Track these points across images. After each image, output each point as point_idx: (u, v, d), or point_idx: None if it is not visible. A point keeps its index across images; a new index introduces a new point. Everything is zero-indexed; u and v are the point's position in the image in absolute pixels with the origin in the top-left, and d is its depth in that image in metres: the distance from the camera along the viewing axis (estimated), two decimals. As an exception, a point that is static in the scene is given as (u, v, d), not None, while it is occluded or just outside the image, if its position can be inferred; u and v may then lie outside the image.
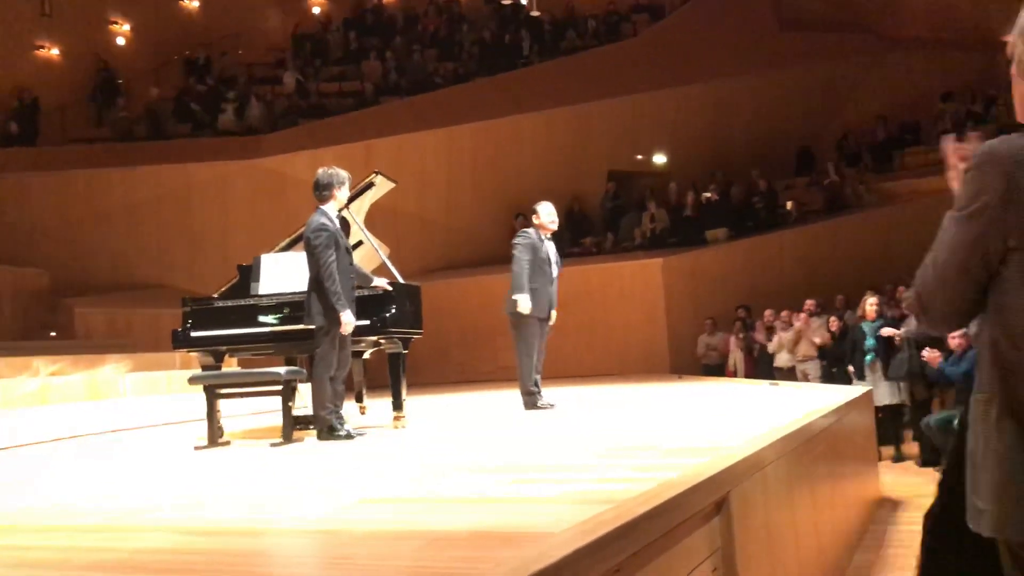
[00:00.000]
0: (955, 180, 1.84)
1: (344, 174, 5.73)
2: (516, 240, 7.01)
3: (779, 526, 3.62)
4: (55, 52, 16.53)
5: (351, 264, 5.70)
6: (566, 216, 15.66)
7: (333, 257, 5.38)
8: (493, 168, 15.51)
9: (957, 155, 1.83)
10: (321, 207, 5.60)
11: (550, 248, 7.06)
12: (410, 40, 18.01)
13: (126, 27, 17.68)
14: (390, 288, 6.01)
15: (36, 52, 16.32)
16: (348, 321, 5.40)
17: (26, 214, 13.93)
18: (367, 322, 5.87)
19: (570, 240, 15.35)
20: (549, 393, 7.13)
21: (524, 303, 6.72)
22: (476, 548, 2.15)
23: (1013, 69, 1.73)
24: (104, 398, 8.64)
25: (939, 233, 1.71)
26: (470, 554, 2.08)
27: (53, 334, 12.24)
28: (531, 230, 7.06)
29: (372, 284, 6.01)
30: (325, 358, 5.48)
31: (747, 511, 3.17)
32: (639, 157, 16.82)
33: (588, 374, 13.34)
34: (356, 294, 5.86)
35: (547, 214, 7.08)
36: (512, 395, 7.26)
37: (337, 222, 5.62)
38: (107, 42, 17.42)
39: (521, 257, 6.84)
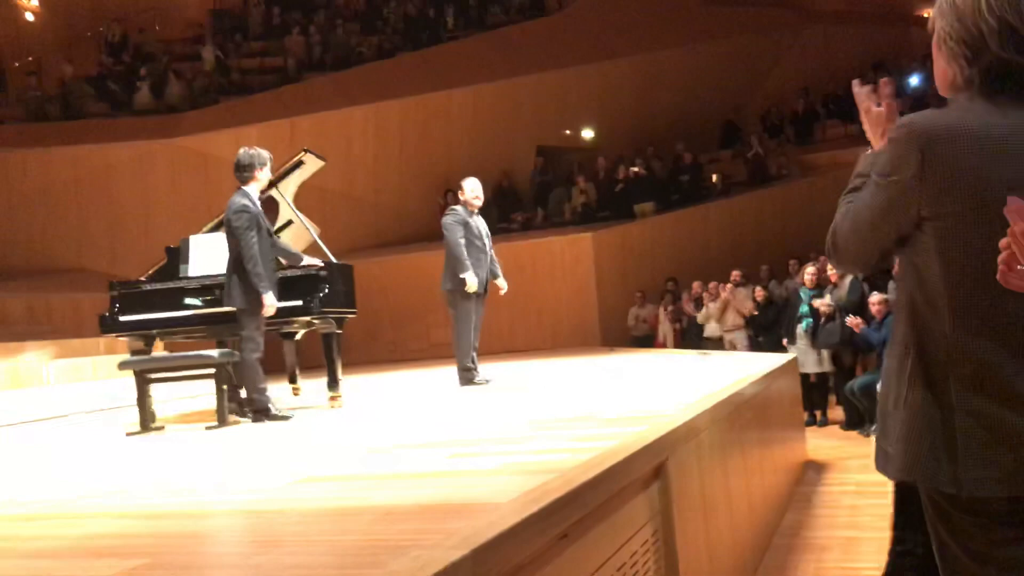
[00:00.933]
0: (867, 124, 1.94)
1: (266, 154, 5.67)
2: (446, 219, 7.01)
3: (713, 490, 3.73)
4: (-42, 28, 15.87)
5: (273, 246, 5.67)
6: (495, 192, 15.70)
7: (255, 239, 5.36)
8: (421, 145, 15.42)
9: (869, 101, 1.92)
10: (242, 188, 5.54)
11: (480, 223, 7.10)
12: (333, 15, 17.74)
13: (34, 1, 17.05)
14: (322, 267, 5.97)
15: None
16: (270, 303, 5.39)
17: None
18: (299, 303, 5.84)
19: (499, 216, 15.38)
20: (484, 369, 7.18)
21: (472, 280, 6.75)
22: (425, 520, 2.19)
23: (934, 44, 1.81)
24: (27, 386, 8.42)
25: (866, 183, 1.80)
26: (420, 526, 2.11)
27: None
28: (459, 207, 7.08)
29: (302, 263, 5.97)
30: (252, 339, 5.45)
31: (684, 477, 3.26)
32: (567, 132, 16.91)
33: (521, 349, 13.45)
34: (288, 274, 5.83)
35: (471, 190, 7.10)
36: (446, 372, 7.29)
37: (259, 203, 5.57)
38: (14, 18, 16.78)
39: (454, 235, 6.86)
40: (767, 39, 16.71)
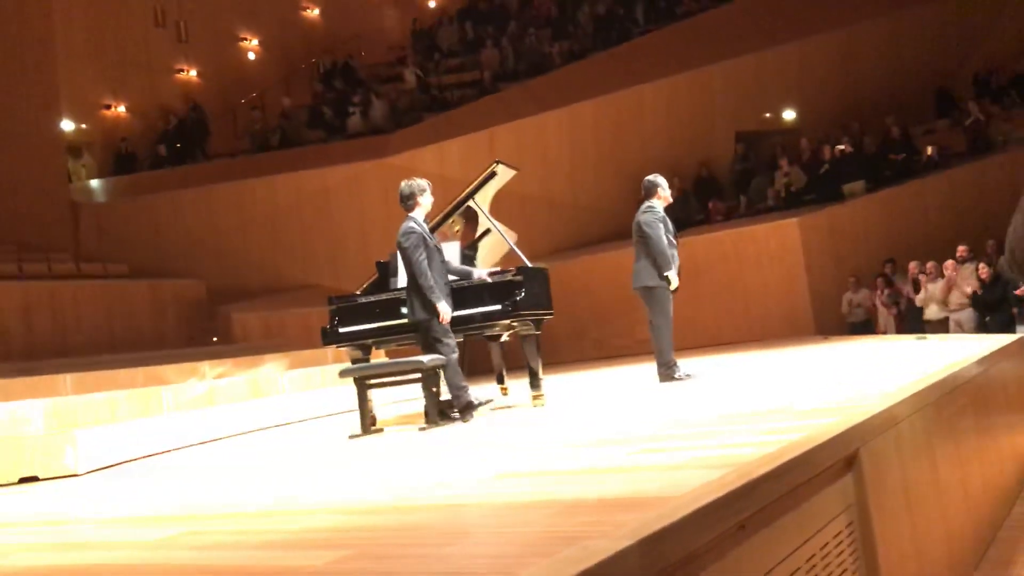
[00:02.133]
0: None
1: (423, 182, 6.15)
2: (646, 216, 6.99)
3: (919, 481, 3.59)
4: (193, 73, 17.55)
5: (443, 261, 6.06)
6: (695, 183, 15.52)
7: (423, 255, 5.82)
8: (615, 142, 15.49)
9: None
10: (409, 215, 6.01)
11: (668, 220, 7.11)
12: (524, 23, 18.16)
13: (255, 42, 18.57)
14: (516, 272, 6.19)
15: (176, 75, 17.39)
16: (444, 311, 5.78)
17: (180, 229, 14.88)
18: (498, 307, 6.09)
19: (699, 206, 15.20)
20: (688, 364, 7.17)
21: (675, 278, 6.84)
22: (602, 513, 2.29)
23: None
24: (266, 396, 9.21)
25: None
26: (597, 519, 2.22)
27: (215, 339, 13.09)
28: (656, 202, 7.08)
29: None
30: (444, 343, 5.84)
31: (880, 467, 3.18)
32: (767, 115, 16.44)
33: (728, 341, 13.23)
34: (487, 281, 6.15)
35: (667, 187, 7.13)
36: (649, 368, 7.33)
37: (426, 226, 6.02)
38: (239, 58, 18.38)
39: (658, 231, 6.88)
40: (982, -3, 15.50)
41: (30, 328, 11.73)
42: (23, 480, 5.96)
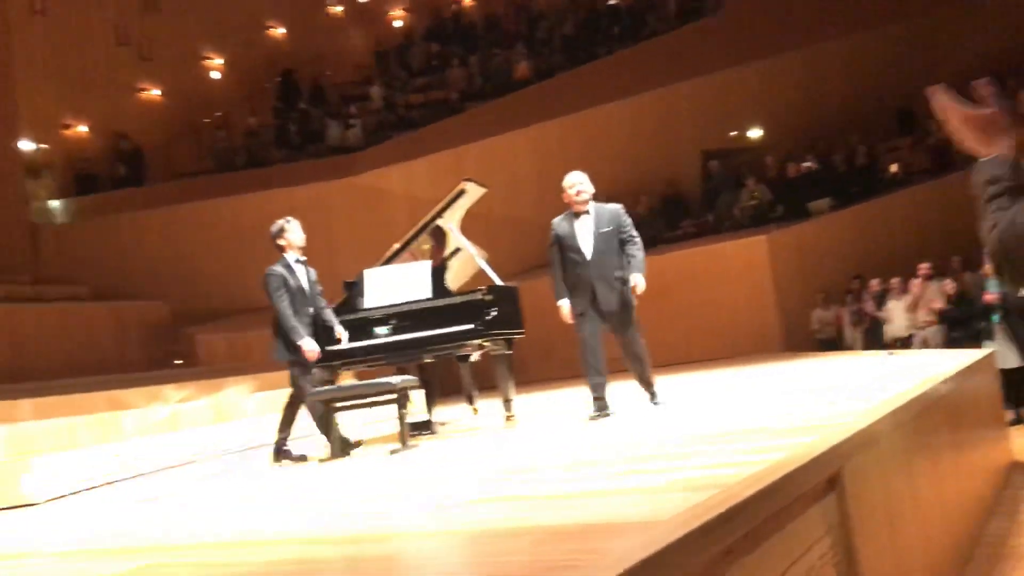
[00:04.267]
0: (965, 130, 1.78)
1: (280, 222, 6.49)
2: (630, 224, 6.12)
3: (899, 499, 3.55)
4: (156, 92, 17.34)
5: (319, 294, 6.38)
6: (662, 201, 15.56)
7: (284, 296, 6.12)
8: (583, 161, 15.24)
9: (961, 106, 1.78)
10: (283, 256, 6.30)
11: (585, 223, 6.08)
12: (491, 43, 18.17)
13: (219, 61, 18.40)
14: (486, 291, 6.10)
15: (138, 95, 17.17)
16: (308, 348, 6.03)
17: (143, 250, 14.65)
18: (470, 326, 6.00)
19: (667, 225, 15.23)
20: (660, 382, 7.06)
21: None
22: (586, 540, 2.21)
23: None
24: (231, 419, 9.03)
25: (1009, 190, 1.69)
26: (580, 546, 2.14)
27: (179, 362, 12.84)
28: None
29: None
30: (299, 387, 6.23)
31: (862, 486, 3.13)
32: (732, 134, 16.56)
33: (697, 359, 13.22)
34: (456, 300, 6.09)
35: (571, 184, 6.11)
36: (620, 387, 7.25)
37: (298, 266, 6.32)
38: (202, 77, 18.19)
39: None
40: (941, 14, 15.73)
41: (-13, 352, 11.44)
42: (-22, 510, 5.76)
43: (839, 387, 5.85)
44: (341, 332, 6.31)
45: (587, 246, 5.86)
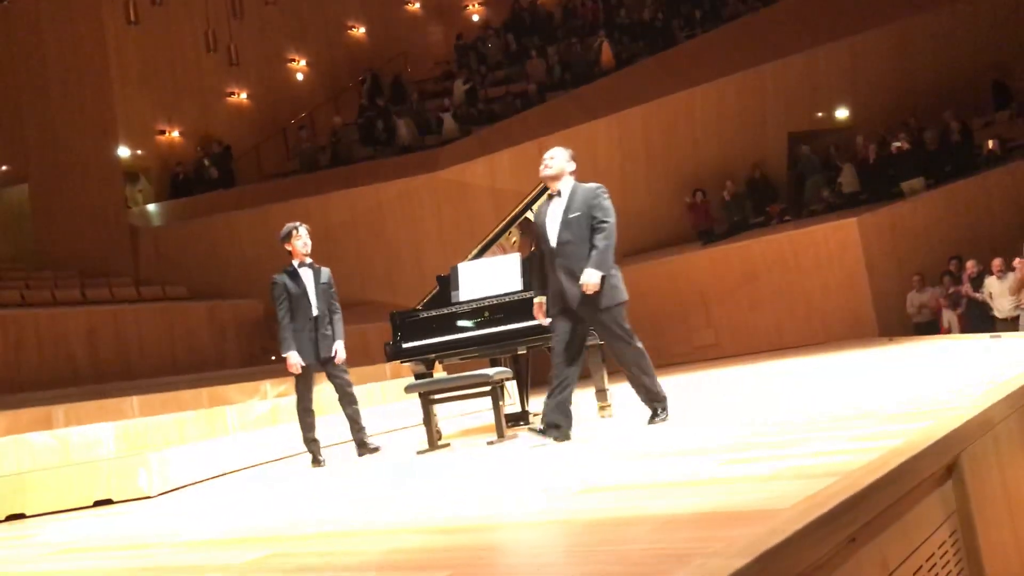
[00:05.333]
0: None
1: (289, 225, 6.59)
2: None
3: (1018, 485, 3.44)
4: (244, 96, 17.80)
5: (308, 302, 6.37)
6: (748, 185, 15.31)
7: (284, 305, 6.28)
8: (666, 148, 15.35)
9: None
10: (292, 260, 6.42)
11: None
12: (569, 32, 18.12)
13: (303, 63, 18.79)
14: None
15: (227, 99, 17.66)
16: (292, 362, 6.20)
17: (236, 250, 15.06)
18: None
19: (754, 209, 15.00)
20: (747, 370, 6.99)
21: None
22: (705, 528, 2.21)
23: None
24: (328, 413, 9.22)
25: None
26: (701, 534, 2.14)
27: (274, 358, 13.18)
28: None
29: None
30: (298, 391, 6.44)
31: (981, 472, 3.05)
32: (819, 115, 16.19)
33: (789, 345, 13.00)
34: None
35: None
36: (708, 375, 7.19)
37: (303, 270, 6.43)
38: (288, 79, 18.60)
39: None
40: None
41: (95, 352, 11.94)
42: (97, 503, 6.03)
43: (945, 371, 5.69)
44: (339, 349, 6.40)
45: (553, 233, 5.14)
